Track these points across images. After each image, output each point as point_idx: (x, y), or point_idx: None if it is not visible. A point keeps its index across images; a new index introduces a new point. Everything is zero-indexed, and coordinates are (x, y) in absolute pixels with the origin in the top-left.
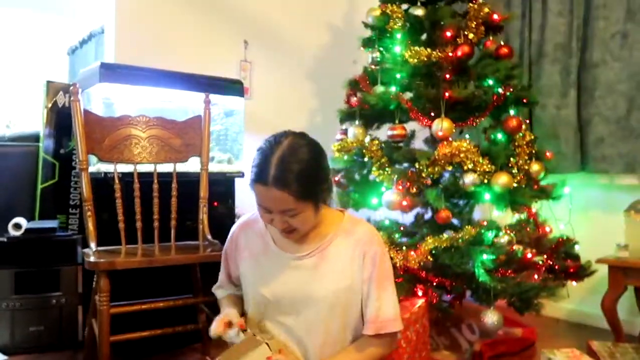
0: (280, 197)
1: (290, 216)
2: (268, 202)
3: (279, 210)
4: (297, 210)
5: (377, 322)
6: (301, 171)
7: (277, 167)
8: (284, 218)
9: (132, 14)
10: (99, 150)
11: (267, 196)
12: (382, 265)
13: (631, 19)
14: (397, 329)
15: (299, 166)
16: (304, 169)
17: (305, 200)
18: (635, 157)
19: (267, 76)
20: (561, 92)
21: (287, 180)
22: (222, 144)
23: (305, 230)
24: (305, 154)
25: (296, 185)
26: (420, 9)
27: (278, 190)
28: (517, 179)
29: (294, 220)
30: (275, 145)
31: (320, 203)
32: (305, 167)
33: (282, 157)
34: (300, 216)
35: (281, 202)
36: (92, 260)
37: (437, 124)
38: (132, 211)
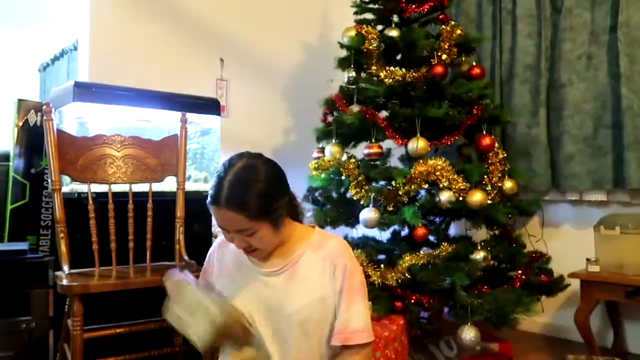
0: (233, 217)
1: (248, 235)
2: (223, 222)
3: (235, 230)
4: (253, 229)
5: (345, 332)
6: (254, 191)
7: (229, 189)
8: (241, 237)
9: (107, 31)
10: (73, 170)
11: (222, 217)
12: (352, 278)
13: (595, 41)
14: (365, 340)
15: (252, 186)
16: (256, 189)
17: (260, 220)
18: (602, 174)
19: (243, 94)
20: (531, 112)
21: (240, 202)
22: (199, 163)
23: (267, 249)
24: (258, 174)
25: (250, 205)
26: (394, 30)
27: (230, 211)
28: (491, 196)
29: (252, 239)
30: (229, 167)
31: (280, 221)
32: (258, 187)
33: (235, 178)
34: (257, 235)
35: (235, 222)
36: (65, 283)
37: (412, 142)
38: (107, 232)
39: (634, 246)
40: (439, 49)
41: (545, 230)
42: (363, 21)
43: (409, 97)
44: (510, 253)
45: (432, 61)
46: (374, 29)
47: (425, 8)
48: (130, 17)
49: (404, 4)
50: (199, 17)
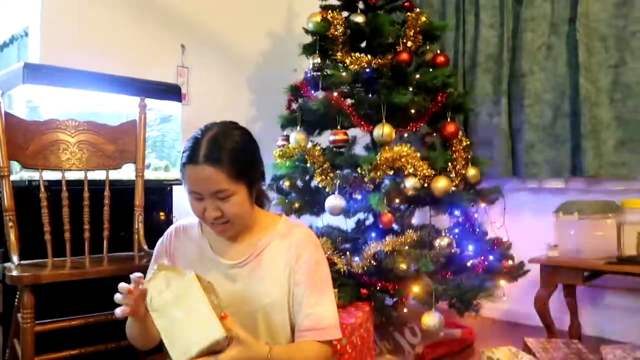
0: (211, 175)
1: (222, 199)
2: (199, 184)
3: (211, 192)
4: (230, 191)
5: (318, 328)
6: (233, 149)
7: (209, 146)
8: (215, 203)
9: (60, 14)
10: (22, 156)
11: (198, 177)
12: (319, 270)
13: (555, 32)
14: (338, 336)
15: (232, 145)
16: (236, 148)
17: (238, 181)
18: (561, 162)
19: (205, 81)
20: (493, 101)
21: (219, 157)
22: (159, 151)
23: (238, 221)
24: (237, 136)
25: (228, 162)
26: (360, 16)
27: (210, 166)
28: (455, 183)
29: (227, 204)
30: (206, 130)
31: (254, 190)
32: (237, 147)
33: (214, 136)
34: (233, 199)
35: (213, 182)
36: (14, 274)
37: (378, 129)
38: (60, 222)
39: (592, 231)
40: (404, 36)
41: (507, 217)
42: (328, 7)
43: (374, 84)
44: (473, 240)
45: (397, 48)
46: (340, 14)
47: None
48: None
49: None
50: (159, 2)
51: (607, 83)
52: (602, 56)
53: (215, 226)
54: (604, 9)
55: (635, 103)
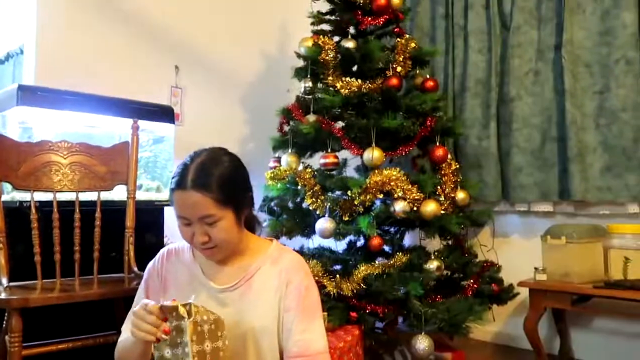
0: (199, 200)
1: (210, 224)
2: (187, 209)
3: (198, 217)
4: (217, 216)
5: (307, 355)
6: (221, 176)
7: (196, 172)
8: (203, 228)
9: (55, 35)
10: (14, 177)
11: (186, 202)
12: (309, 296)
13: (541, 58)
14: None
15: (219, 171)
16: (223, 174)
17: (225, 206)
18: (549, 186)
19: (198, 102)
20: (482, 124)
21: (205, 183)
22: (151, 172)
23: (226, 246)
24: (225, 162)
25: (216, 188)
26: (351, 42)
27: (197, 192)
28: (444, 207)
29: (214, 230)
30: (195, 156)
31: (242, 215)
32: (225, 173)
33: (202, 163)
34: (221, 224)
35: (200, 207)
36: (2, 297)
37: (368, 153)
38: (50, 243)
39: (579, 255)
40: (394, 61)
41: (496, 240)
42: (320, 32)
43: (364, 108)
44: (463, 263)
45: (387, 73)
46: (331, 39)
47: (380, 21)
48: (81, 21)
49: (360, 17)
50: (153, 23)
51: (593, 108)
52: (587, 82)
53: (204, 250)
54: (588, 37)
55: (620, 128)
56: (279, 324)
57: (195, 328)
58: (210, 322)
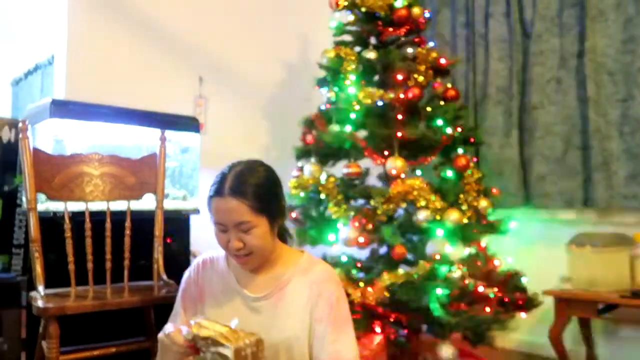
0: (236, 207)
1: (245, 231)
2: (223, 215)
3: (235, 223)
4: (252, 223)
5: None
6: (257, 185)
7: (234, 180)
8: (238, 234)
9: (84, 47)
10: (49, 188)
11: (223, 208)
12: (340, 307)
13: (564, 66)
14: None
15: (256, 180)
16: (260, 184)
17: (260, 214)
18: (573, 194)
19: (222, 112)
20: (504, 132)
21: (243, 191)
22: (177, 181)
23: (261, 254)
24: (261, 172)
25: (252, 196)
26: (372, 52)
27: (234, 199)
28: (467, 215)
29: (249, 236)
30: (233, 166)
31: (276, 224)
32: (261, 182)
33: (239, 172)
34: (255, 232)
35: (237, 213)
36: (40, 305)
37: (390, 162)
38: (83, 251)
39: (604, 264)
40: (415, 71)
41: (519, 248)
42: (342, 43)
43: (386, 118)
44: (486, 271)
45: (408, 83)
46: (352, 50)
47: (401, 31)
48: (109, 34)
49: (381, 27)
50: (178, 34)
51: (616, 116)
52: (610, 90)
53: (238, 258)
54: (610, 45)
55: None
56: (309, 334)
57: (239, 354)
58: (252, 345)
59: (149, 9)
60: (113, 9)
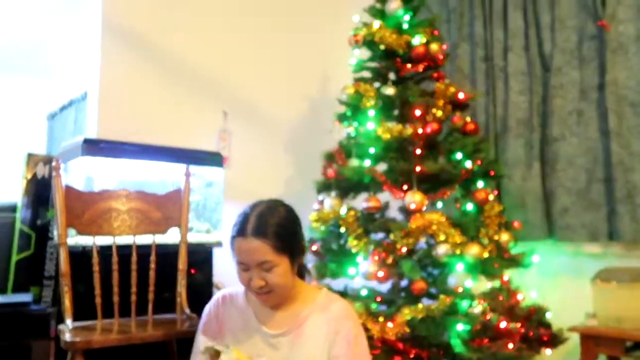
0: (258, 247)
1: (267, 270)
2: (246, 255)
3: (257, 262)
4: (274, 262)
5: None
6: (278, 225)
7: (256, 221)
8: (261, 273)
9: (115, 84)
10: (79, 224)
11: (246, 248)
12: (358, 344)
13: (585, 98)
14: None
15: (277, 220)
16: (281, 224)
17: (282, 253)
18: (597, 227)
19: (246, 146)
20: (526, 165)
21: (265, 231)
22: (201, 214)
23: (281, 292)
24: (282, 212)
25: (274, 236)
26: (391, 88)
27: (257, 239)
28: (488, 249)
29: (271, 275)
30: (253, 207)
31: (296, 262)
32: (282, 222)
33: (261, 212)
34: (277, 270)
35: (259, 253)
36: (67, 339)
37: (409, 196)
38: (109, 284)
39: (632, 300)
40: (434, 106)
41: (544, 282)
42: (361, 79)
43: (405, 152)
44: (509, 306)
45: (427, 118)
46: (371, 86)
47: (420, 67)
48: (138, 71)
49: (399, 64)
50: (203, 71)
51: None
52: (633, 122)
53: (259, 295)
54: (631, 77)
55: None
56: None
57: None
58: None
59: (176, 47)
60: (143, 47)
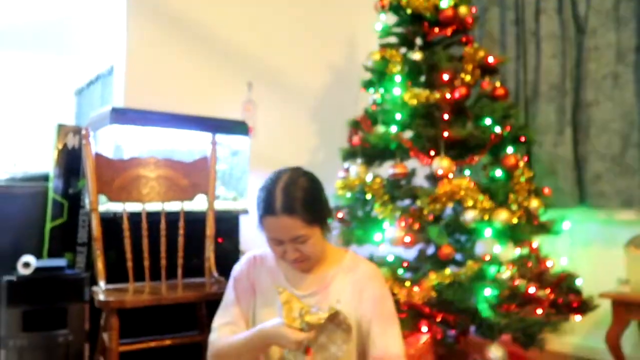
0: (290, 224)
1: (301, 242)
2: (279, 232)
3: (290, 238)
4: (307, 235)
5: (385, 358)
6: (305, 197)
7: (283, 197)
8: (295, 246)
9: (141, 57)
10: (109, 191)
11: (278, 226)
12: (384, 304)
13: (621, 61)
14: None
15: (302, 193)
16: (307, 195)
17: (313, 224)
18: (632, 193)
19: (271, 116)
20: (557, 130)
21: (294, 206)
22: (228, 183)
23: (316, 256)
24: (305, 182)
25: (303, 210)
26: (418, 53)
27: (287, 217)
28: (517, 215)
29: (305, 246)
30: (276, 180)
31: (326, 227)
32: (308, 193)
33: (285, 187)
34: (311, 241)
35: (292, 229)
36: (101, 299)
37: (437, 162)
38: (139, 249)
39: None
40: (462, 71)
41: (574, 249)
42: (387, 45)
43: (432, 118)
44: (538, 272)
45: (455, 83)
46: (398, 52)
47: (448, 31)
48: (164, 44)
49: (427, 28)
50: (228, 42)
51: None
52: None
53: (294, 263)
54: None
55: None
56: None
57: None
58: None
59: (200, 19)
60: (167, 20)
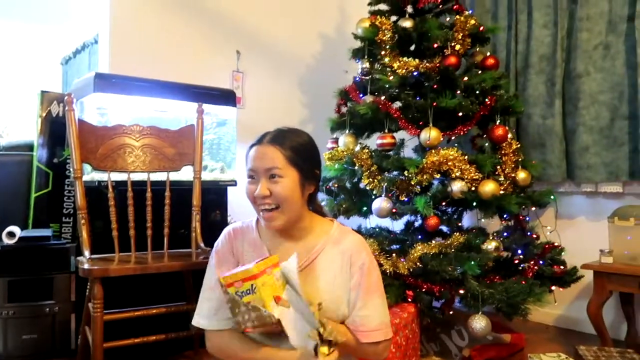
0: (270, 152)
1: (274, 180)
2: (258, 160)
3: (265, 168)
4: (282, 172)
5: (364, 330)
6: (296, 141)
7: (276, 132)
8: (267, 183)
9: (126, 24)
10: (93, 159)
11: (258, 153)
12: (370, 275)
13: (612, 30)
14: (384, 338)
15: (295, 137)
16: (298, 141)
17: (292, 165)
18: (618, 166)
19: (259, 85)
20: (546, 102)
21: (282, 141)
22: (215, 153)
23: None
24: (304, 135)
25: (289, 147)
26: (408, 21)
27: (271, 146)
28: (504, 187)
29: (277, 186)
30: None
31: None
32: (300, 141)
33: (282, 129)
34: (284, 182)
35: (270, 159)
36: (86, 267)
37: (425, 133)
38: (126, 219)
39: None
40: (453, 40)
41: (559, 221)
42: (377, 12)
43: (422, 88)
44: (523, 244)
45: (445, 52)
46: (388, 19)
47: None
48: (149, 11)
49: None
50: (216, 10)
51: None
52: None
53: (265, 212)
54: None
55: None
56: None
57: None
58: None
59: None
60: None
